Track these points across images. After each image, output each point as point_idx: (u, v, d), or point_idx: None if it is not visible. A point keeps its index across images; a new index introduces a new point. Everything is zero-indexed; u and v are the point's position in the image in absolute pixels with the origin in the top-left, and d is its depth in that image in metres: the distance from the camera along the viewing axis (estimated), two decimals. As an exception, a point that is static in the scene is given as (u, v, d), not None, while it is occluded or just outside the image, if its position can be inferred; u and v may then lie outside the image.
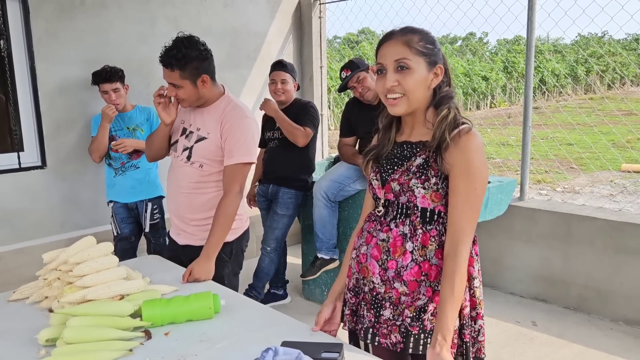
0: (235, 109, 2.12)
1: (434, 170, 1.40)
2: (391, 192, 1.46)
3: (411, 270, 1.42)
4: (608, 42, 18.88)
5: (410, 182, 1.42)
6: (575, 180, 7.52)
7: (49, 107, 3.33)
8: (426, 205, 1.42)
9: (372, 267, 1.47)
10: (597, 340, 3.05)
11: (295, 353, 1.21)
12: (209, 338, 1.49)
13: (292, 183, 3.36)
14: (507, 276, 3.75)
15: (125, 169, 3.29)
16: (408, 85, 1.38)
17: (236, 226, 2.18)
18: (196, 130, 2.15)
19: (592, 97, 16.99)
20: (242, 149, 2.08)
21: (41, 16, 3.25)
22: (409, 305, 1.43)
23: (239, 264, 2.28)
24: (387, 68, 1.39)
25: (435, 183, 1.40)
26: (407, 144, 1.49)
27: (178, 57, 1.98)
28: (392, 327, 1.44)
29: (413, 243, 1.42)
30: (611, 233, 3.24)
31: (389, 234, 1.45)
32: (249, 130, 2.11)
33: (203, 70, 2.05)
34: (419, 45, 1.38)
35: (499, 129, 11.21)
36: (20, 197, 3.29)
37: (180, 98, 2.08)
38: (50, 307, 1.67)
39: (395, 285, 1.44)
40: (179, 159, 2.18)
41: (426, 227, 1.43)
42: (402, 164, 1.46)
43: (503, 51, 20.99)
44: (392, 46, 1.39)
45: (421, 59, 1.39)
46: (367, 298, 1.50)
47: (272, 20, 4.53)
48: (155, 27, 3.77)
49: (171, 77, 2.02)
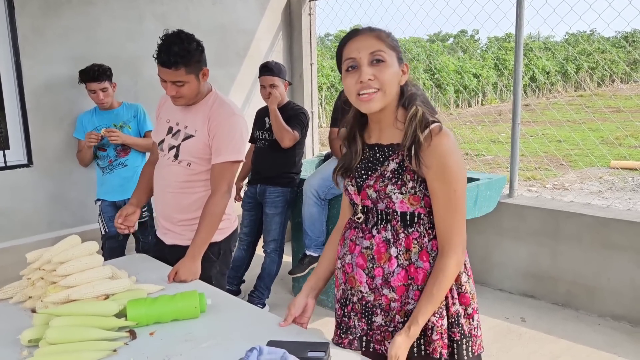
0: (222, 106, 2.09)
1: (410, 174, 1.37)
2: (368, 198, 1.43)
3: (398, 275, 1.40)
4: (597, 40, 19.00)
5: (387, 189, 1.38)
6: (565, 177, 7.57)
7: (35, 104, 3.30)
8: (405, 210, 1.39)
9: (359, 277, 1.45)
10: (585, 335, 3.07)
11: (280, 352, 1.21)
12: (195, 337, 1.48)
13: (278, 181, 3.36)
14: (496, 272, 3.77)
15: (113, 167, 3.26)
16: (384, 79, 1.33)
17: (224, 226, 2.16)
18: (183, 128, 2.11)
19: (581, 95, 17.10)
20: (230, 147, 2.05)
21: (26, 13, 3.21)
22: (399, 311, 1.42)
23: (227, 263, 2.26)
24: (360, 62, 1.33)
25: (412, 187, 1.37)
26: (378, 147, 1.45)
27: (182, 54, 1.94)
28: (385, 334, 1.44)
29: (397, 248, 1.40)
30: (599, 229, 3.27)
31: (372, 240, 1.43)
32: (237, 128, 2.08)
33: (203, 63, 2.05)
34: (389, 39, 1.36)
35: (489, 126, 11.25)
36: (5, 195, 3.26)
37: (180, 95, 2.03)
38: (33, 307, 1.65)
39: (384, 292, 1.42)
40: (166, 157, 2.14)
41: (408, 230, 1.41)
42: (376, 168, 1.43)
43: (494, 49, 21.06)
44: (364, 40, 1.35)
45: (393, 53, 1.36)
46: (357, 308, 1.48)
47: (262, 17, 4.51)
48: (143, 24, 3.74)
49: (176, 75, 1.97)
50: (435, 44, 21.30)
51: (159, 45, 1.97)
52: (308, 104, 4.84)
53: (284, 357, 1.19)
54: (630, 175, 7.48)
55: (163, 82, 2.01)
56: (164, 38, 1.98)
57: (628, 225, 3.15)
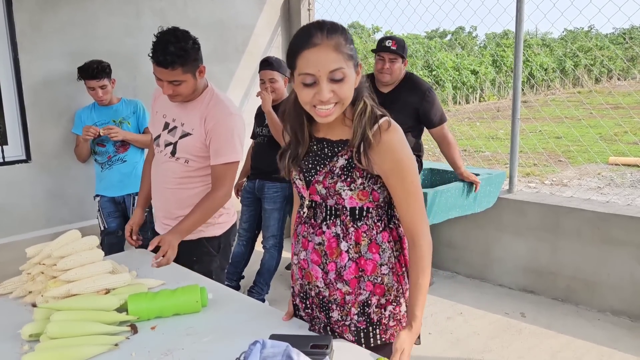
0: (218, 104, 2.05)
1: (359, 172, 1.37)
2: (317, 194, 1.42)
3: (349, 269, 1.42)
4: (595, 37, 19.01)
5: (337, 186, 1.38)
6: (564, 172, 7.58)
7: (33, 100, 3.28)
8: (354, 205, 1.40)
9: (314, 272, 1.47)
10: (585, 330, 3.07)
11: (283, 346, 1.20)
12: (196, 332, 1.47)
13: (277, 176, 3.35)
14: (496, 268, 3.77)
15: (112, 163, 3.25)
16: (344, 94, 1.29)
17: (223, 220, 2.15)
18: (180, 125, 2.09)
19: (580, 91, 17.11)
20: (229, 148, 2.02)
21: (24, 8, 3.19)
22: (353, 303, 1.44)
23: (226, 258, 2.26)
24: (319, 79, 1.26)
25: (361, 183, 1.37)
26: (327, 142, 1.43)
27: (178, 53, 1.90)
28: (342, 328, 1.46)
29: (347, 242, 1.41)
30: (599, 225, 3.27)
31: (323, 237, 1.44)
32: (235, 129, 2.05)
33: (200, 60, 2.01)
34: (346, 48, 1.28)
35: (488, 122, 11.26)
36: (4, 191, 3.24)
37: (177, 94, 2.00)
38: (34, 301, 1.64)
39: (338, 286, 1.44)
40: (163, 154, 2.12)
41: (357, 224, 1.41)
42: (325, 164, 1.41)
43: (492, 45, 21.05)
44: (322, 54, 1.25)
45: (351, 62, 1.29)
46: (316, 302, 1.50)
47: (260, 12, 4.50)
48: (141, 20, 3.72)
49: (172, 75, 1.93)
50: (433, 41, 21.28)
51: (154, 44, 1.92)
52: (307, 99, 4.83)
53: (287, 351, 1.19)
54: (629, 171, 7.49)
55: (159, 80, 1.97)
56: (160, 36, 1.93)
57: (628, 221, 3.15)
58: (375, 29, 19.86)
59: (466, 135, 9.42)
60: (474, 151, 8.68)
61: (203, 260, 2.08)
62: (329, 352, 1.29)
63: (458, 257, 3.93)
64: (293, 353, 1.18)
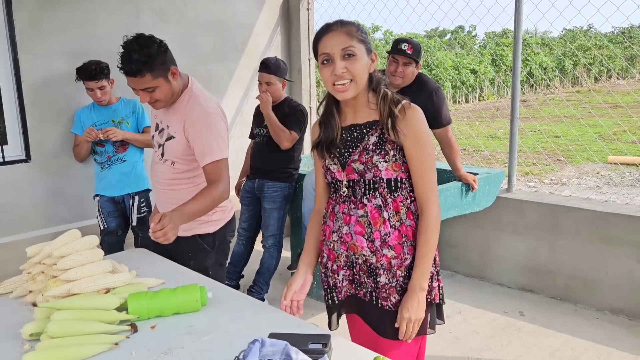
0: (195, 106, 2.03)
1: (390, 144, 1.56)
2: (354, 172, 1.58)
3: (393, 235, 1.58)
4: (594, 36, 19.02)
5: (373, 159, 1.56)
6: (562, 172, 7.59)
7: (32, 100, 3.28)
8: (390, 176, 1.57)
9: (359, 243, 1.60)
10: (584, 329, 3.08)
11: (282, 344, 1.21)
12: (196, 331, 1.48)
13: (276, 175, 3.36)
14: (495, 267, 3.78)
15: (112, 163, 3.25)
16: (356, 71, 1.50)
17: (218, 217, 2.16)
18: (166, 127, 2.11)
19: (579, 90, 17.12)
20: (212, 148, 2.01)
21: (24, 7, 3.20)
22: (399, 267, 1.59)
23: (224, 254, 2.26)
24: (333, 57, 1.49)
25: (393, 155, 1.56)
26: (354, 127, 1.61)
27: (143, 60, 1.87)
28: (389, 290, 1.60)
29: (387, 212, 1.58)
30: (597, 224, 3.27)
31: (365, 209, 1.59)
32: (214, 128, 2.02)
33: (169, 62, 1.98)
34: (357, 34, 1.51)
35: (487, 121, 11.26)
36: (4, 191, 3.25)
37: (156, 100, 1.99)
38: (34, 301, 1.65)
39: (384, 252, 1.59)
40: (156, 154, 2.17)
41: (394, 195, 1.58)
42: (357, 145, 1.59)
43: (491, 44, 21.05)
44: (336, 37, 1.50)
45: (362, 46, 1.52)
46: (364, 268, 1.63)
47: (260, 12, 4.50)
48: (140, 19, 3.72)
49: (143, 82, 1.92)
50: (433, 40, 21.28)
51: (120, 55, 1.91)
52: (306, 99, 4.83)
53: (285, 349, 1.19)
54: (628, 170, 7.50)
55: (135, 90, 1.97)
56: (124, 46, 1.91)
57: (626, 220, 3.16)
58: (375, 28, 19.87)
59: (465, 135, 9.42)
60: (473, 150, 8.69)
61: (198, 256, 2.09)
62: (327, 350, 1.30)
63: (457, 256, 3.94)
64: (292, 351, 1.18)
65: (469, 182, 3.31)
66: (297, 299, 1.68)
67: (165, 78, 1.96)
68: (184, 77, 2.09)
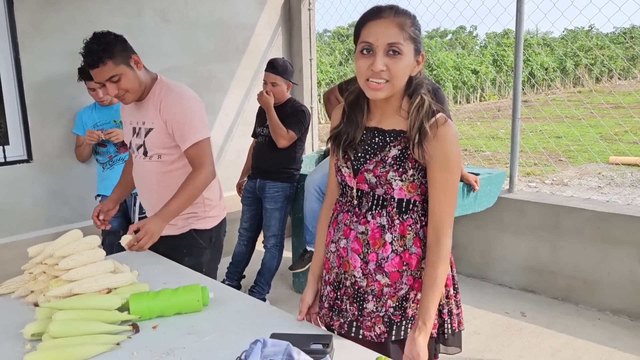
0: (169, 92, 2.05)
1: (411, 162, 1.38)
2: (365, 183, 1.43)
3: (392, 261, 1.42)
4: (595, 36, 19.00)
5: (388, 175, 1.39)
6: (564, 172, 7.58)
7: (34, 100, 3.29)
8: (402, 196, 1.41)
9: (353, 261, 1.46)
10: (585, 330, 3.08)
11: (284, 345, 1.21)
12: (197, 331, 1.48)
13: (278, 176, 3.36)
14: (496, 267, 3.77)
15: (114, 163, 3.26)
16: (397, 72, 1.32)
17: (214, 214, 2.18)
18: (142, 125, 2.12)
19: (580, 90, 17.10)
20: (192, 130, 2.01)
21: (25, 8, 3.20)
22: (391, 296, 1.44)
23: (218, 252, 2.27)
24: (376, 50, 1.30)
25: (412, 175, 1.39)
26: (378, 131, 1.44)
27: (101, 47, 1.91)
28: (375, 319, 1.46)
29: (392, 234, 1.42)
30: (599, 224, 3.27)
31: (367, 226, 1.44)
32: (191, 109, 2.03)
33: (129, 50, 2.01)
34: (410, 30, 1.32)
35: (489, 122, 11.25)
36: (5, 191, 3.25)
37: (125, 91, 2.00)
38: (36, 301, 1.65)
39: (377, 278, 1.44)
40: (138, 157, 2.17)
41: (403, 217, 1.42)
42: (375, 153, 1.42)
43: (492, 44, 21.03)
44: (385, 27, 1.30)
45: (411, 45, 1.33)
46: (349, 292, 1.49)
47: (261, 12, 4.50)
48: (142, 19, 3.73)
49: (106, 70, 1.94)
50: (434, 40, 21.27)
51: (81, 54, 1.96)
52: (307, 99, 4.83)
53: (287, 349, 1.19)
54: (629, 171, 7.49)
55: (101, 87, 2.01)
56: (83, 46, 1.97)
57: (628, 220, 3.16)
58: (376, 29, 19.78)
59: (467, 135, 9.41)
60: (474, 151, 8.68)
61: (193, 252, 2.09)
62: (329, 350, 1.30)
63: (458, 257, 3.94)
64: (294, 352, 1.18)
65: (471, 183, 3.31)
66: (314, 311, 1.60)
67: (127, 65, 1.98)
68: (152, 73, 2.13)
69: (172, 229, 2.15)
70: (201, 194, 2.07)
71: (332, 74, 13.90)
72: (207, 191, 2.14)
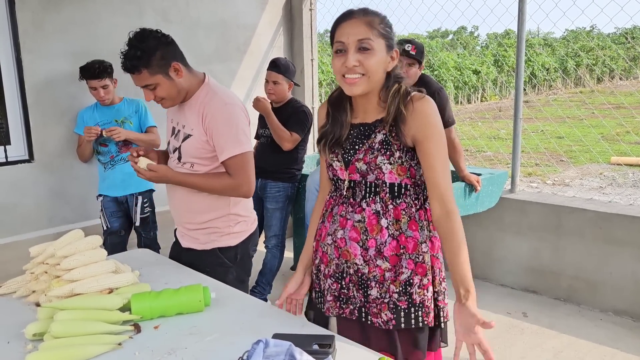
0: (213, 97, 1.92)
1: (397, 145, 1.43)
2: (357, 172, 1.47)
3: (389, 245, 1.46)
4: (597, 36, 18.98)
5: (377, 160, 1.44)
6: (565, 172, 7.57)
7: (35, 100, 3.29)
8: (394, 181, 1.45)
9: (353, 250, 1.49)
10: (587, 330, 3.07)
11: (286, 345, 1.20)
12: (199, 331, 1.48)
13: (279, 176, 3.36)
14: (498, 268, 3.77)
15: (115, 163, 3.26)
16: (370, 66, 1.38)
17: (240, 229, 2.03)
18: (182, 127, 1.99)
19: (582, 91, 17.08)
20: (231, 141, 1.88)
21: (27, 8, 3.20)
22: (393, 281, 1.47)
23: (245, 270, 2.10)
24: (347, 48, 1.38)
25: (399, 157, 1.43)
26: (363, 126, 1.50)
27: (138, 56, 1.81)
28: (381, 306, 1.48)
29: (387, 219, 1.46)
30: (601, 224, 3.26)
31: (363, 214, 1.48)
32: (233, 119, 1.90)
33: (170, 57, 1.87)
34: (380, 27, 1.39)
35: (490, 122, 11.25)
36: (7, 191, 3.25)
37: (161, 98, 1.92)
38: (37, 301, 1.65)
39: (377, 263, 1.47)
40: (173, 160, 2.05)
41: (396, 201, 1.46)
42: (363, 142, 1.47)
43: (494, 45, 21.03)
44: (354, 26, 1.38)
45: (382, 40, 1.40)
46: (354, 279, 1.51)
47: (262, 12, 4.50)
48: (143, 19, 3.73)
49: (142, 79, 1.86)
50: (435, 40, 21.26)
51: (122, 54, 1.87)
52: (309, 99, 4.83)
53: (290, 350, 1.19)
54: (631, 171, 7.48)
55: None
56: (127, 42, 1.86)
57: (630, 221, 3.15)
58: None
59: (468, 135, 9.41)
60: (475, 151, 8.68)
61: (216, 271, 1.95)
62: (332, 351, 1.29)
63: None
64: (296, 352, 1.18)
65: (472, 183, 3.30)
66: (295, 297, 1.65)
67: (165, 75, 1.86)
68: (199, 74, 2.00)
69: (194, 242, 2.04)
70: (220, 198, 1.96)
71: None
72: (235, 206, 2.01)
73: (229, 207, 2.00)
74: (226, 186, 1.93)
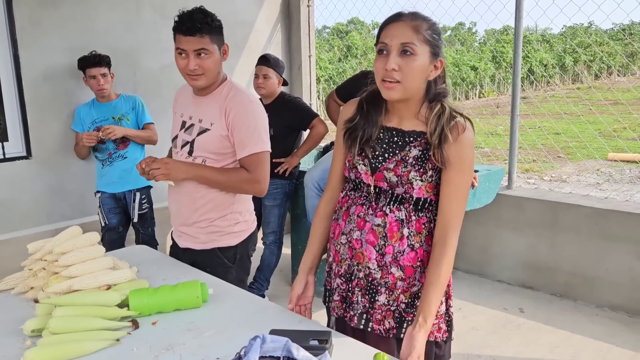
0: (238, 94, 1.94)
1: (431, 163, 1.41)
2: (384, 181, 1.44)
3: (408, 255, 1.45)
4: (594, 32, 18.99)
5: (410, 175, 1.42)
6: (563, 169, 7.59)
7: (33, 96, 3.28)
8: (421, 195, 1.44)
9: (368, 253, 1.47)
10: (583, 326, 3.09)
11: (283, 341, 1.21)
12: (197, 327, 1.48)
13: (276, 173, 3.36)
14: (495, 264, 3.78)
15: (113, 160, 3.25)
16: (408, 72, 1.35)
17: (240, 229, 2.02)
18: (198, 122, 1.96)
19: (579, 87, 17.10)
20: (254, 138, 1.89)
21: (24, 4, 3.19)
22: (404, 291, 1.46)
23: (244, 269, 2.09)
24: (390, 49, 1.35)
25: (431, 175, 1.42)
26: (397, 132, 1.46)
27: (206, 21, 1.85)
28: (386, 313, 1.47)
29: (409, 229, 1.45)
30: (597, 220, 3.28)
31: (385, 219, 1.45)
32: (257, 117, 1.92)
33: (224, 39, 1.97)
34: (426, 33, 1.35)
35: (488, 118, 11.26)
36: (5, 187, 3.25)
37: (203, 70, 1.88)
38: (35, 297, 1.65)
39: (392, 270, 1.45)
40: (179, 155, 2.02)
41: (418, 214, 1.45)
42: (395, 152, 1.44)
43: (492, 41, 21.02)
44: (400, 28, 1.35)
45: (426, 47, 1.35)
46: (362, 284, 1.50)
47: (260, 8, 4.49)
48: (141, 15, 3.72)
49: (201, 42, 1.85)
50: (433, 37, 21.19)
51: (179, 17, 1.88)
52: (306, 95, 4.83)
53: (287, 346, 1.19)
54: (628, 167, 7.50)
55: (182, 57, 1.88)
56: (185, 11, 1.89)
57: (626, 217, 3.17)
58: (375, 25, 19.83)
59: (465, 132, 9.41)
60: (473, 147, 8.68)
61: (217, 271, 1.93)
62: (328, 346, 1.30)
63: (457, 253, 3.90)
64: (293, 348, 1.19)
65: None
66: (304, 302, 1.61)
67: (219, 49, 1.94)
68: (222, 73, 2.04)
69: (194, 242, 2.03)
70: (233, 193, 1.96)
71: (331, 70, 13.89)
72: (237, 205, 2.01)
73: (232, 206, 1.99)
74: (244, 180, 1.92)
